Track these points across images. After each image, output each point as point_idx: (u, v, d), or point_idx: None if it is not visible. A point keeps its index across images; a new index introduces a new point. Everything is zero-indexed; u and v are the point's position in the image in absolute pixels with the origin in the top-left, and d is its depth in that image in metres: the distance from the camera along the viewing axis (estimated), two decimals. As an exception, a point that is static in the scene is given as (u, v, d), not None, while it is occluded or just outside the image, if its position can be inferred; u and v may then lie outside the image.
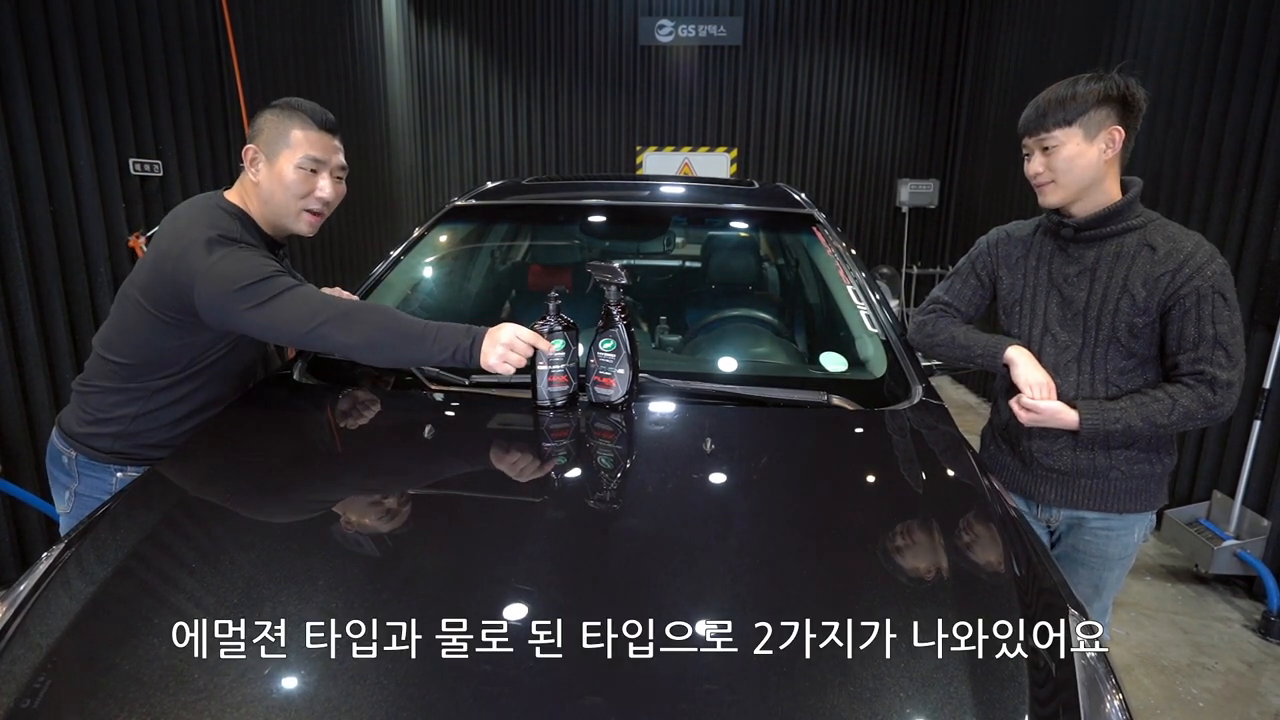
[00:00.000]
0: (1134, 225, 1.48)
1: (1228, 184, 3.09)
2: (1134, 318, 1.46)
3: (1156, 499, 1.63)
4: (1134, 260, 1.46)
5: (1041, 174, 1.49)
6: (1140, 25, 3.74)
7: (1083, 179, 1.46)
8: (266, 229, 1.53)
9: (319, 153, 1.47)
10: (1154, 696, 2.36)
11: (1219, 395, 1.41)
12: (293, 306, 1.38)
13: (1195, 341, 1.42)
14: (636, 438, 1.44)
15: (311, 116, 1.48)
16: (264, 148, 1.47)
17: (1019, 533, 1.16)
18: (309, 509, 1.18)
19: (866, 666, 0.86)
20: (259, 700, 0.81)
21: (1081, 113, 1.42)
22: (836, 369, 1.75)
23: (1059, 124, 1.43)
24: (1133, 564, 1.70)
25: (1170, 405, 1.43)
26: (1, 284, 2.49)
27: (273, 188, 1.47)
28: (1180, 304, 1.42)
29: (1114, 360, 1.51)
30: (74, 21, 2.66)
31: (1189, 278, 1.41)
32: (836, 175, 7.13)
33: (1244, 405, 2.98)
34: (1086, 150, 1.43)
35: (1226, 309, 1.41)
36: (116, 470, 1.52)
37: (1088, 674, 0.93)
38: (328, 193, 1.50)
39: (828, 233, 2.15)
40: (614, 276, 1.45)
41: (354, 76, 5.32)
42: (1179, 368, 1.45)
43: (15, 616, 0.95)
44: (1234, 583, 3.02)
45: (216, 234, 1.40)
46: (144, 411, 1.50)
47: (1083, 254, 1.52)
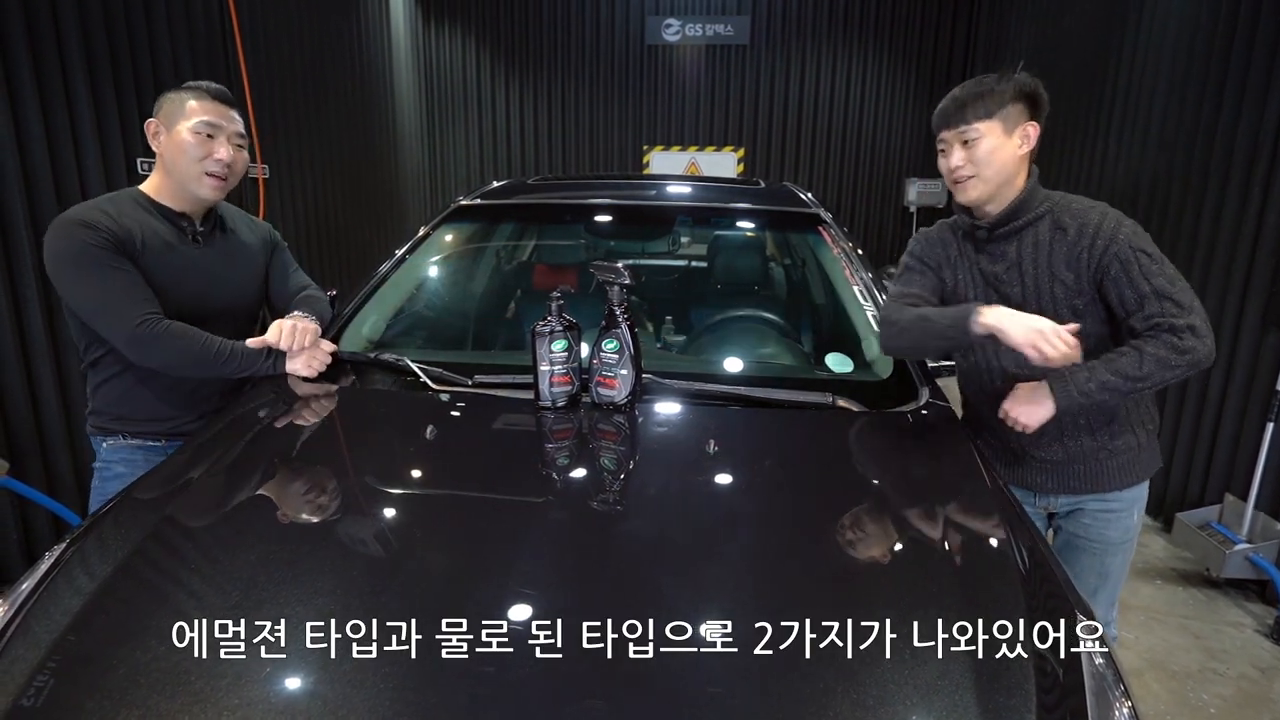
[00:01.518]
0: (1041, 212, 1.49)
1: (1240, 185, 3.06)
2: (1072, 300, 1.47)
3: (1150, 466, 1.63)
4: (1051, 246, 1.48)
5: (963, 167, 1.48)
6: (1152, 23, 3.70)
7: (1002, 172, 1.47)
8: (174, 200, 1.62)
9: (214, 118, 1.59)
10: (1164, 702, 2.34)
11: (1185, 340, 1.38)
12: (105, 313, 1.50)
13: (1138, 301, 1.41)
14: (639, 439, 1.43)
15: (205, 89, 1.61)
16: (164, 120, 1.59)
17: (1027, 536, 1.15)
18: (311, 508, 1.18)
19: (872, 670, 0.85)
20: (260, 699, 0.80)
21: (1000, 106, 1.44)
22: (842, 370, 1.74)
23: (980, 116, 1.45)
24: (1133, 552, 1.70)
25: (1138, 356, 1.39)
26: (9, 283, 2.50)
27: (174, 155, 1.58)
28: (1107, 274, 1.43)
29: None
30: (82, 21, 2.68)
31: (1105, 247, 1.42)
32: (844, 174, 7.11)
33: (1256, 408, 2.95)
34: (1006, 143, 1.45)
35: (1153, 263, 1.41)
36: (103, 441, 1.68)
37: (1096, 680, 0.91)
38: (225, 155, 1.59)
39: (834, 232, 2.14)
40: (617, 276, 1.44)
41: (361, 76, 5.34)
42: (1135, 330, 1.44)
43: (16, 615, 0.95)
44: (1246, 587, 2.98)
45: (79, 220, 1.49)
46: (95, 385, 1.65)
47: (1004, 250, 1.54)
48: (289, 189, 4.29)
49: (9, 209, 2.48)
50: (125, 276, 1.50)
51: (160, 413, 1.65)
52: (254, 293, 1.78)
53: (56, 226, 1.49)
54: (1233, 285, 3.09)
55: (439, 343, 2.12)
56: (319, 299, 1.81)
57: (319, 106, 4.58)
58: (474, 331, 2.29)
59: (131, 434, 1.66)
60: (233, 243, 1.73)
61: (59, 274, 1.50)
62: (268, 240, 1.84)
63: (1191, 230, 3.31)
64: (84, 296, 1.50)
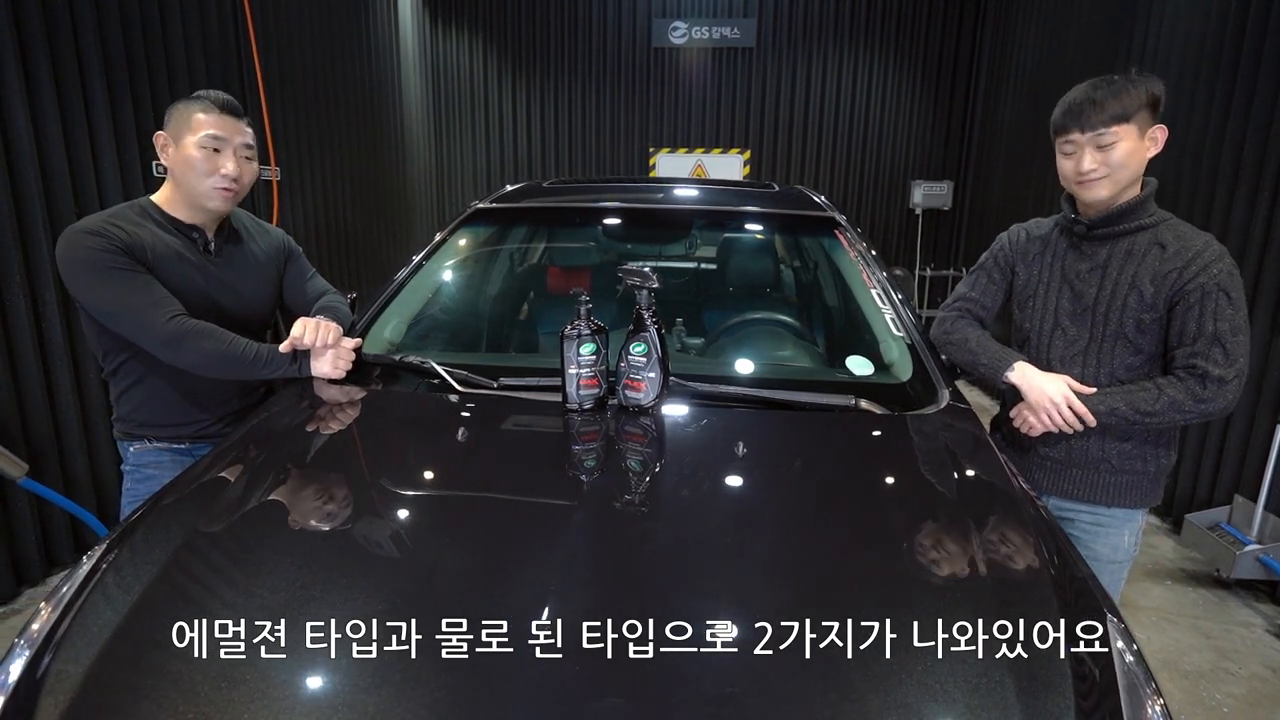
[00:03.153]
0: (1146, 224, 1.50)
1: (1249, 187, 3.07)
2: (1141, 313, 1.49)
3: (1148, 498, 1.64)
4: (1144, 258, 1.49)
5: (1096, 170, 1.47)
6: (1160, 26, 3.72)
7: (1134, 175, 1.48)
8: (185, 212, 1.62)
9: (220, 132, 1.57)
10: (1177, 702, 2.35)
11: (1208, 390, 1.42)
12: (133, 318, 1.51)
13: (1194, 336, 1.44)
14: (666, 441, 1.45)
15: (213, 101, 1.58)
16: (172, 133, 1.57)
17: (1053, 536, 1.16)
18: (347, 512, 1.18)
19: (907, 674, 0.86)
20: (308, 700, 0.82)
21: (1137, 109, 1.43)
22: (863, 373, 1.75)
23: (1117, 119, 1.43)
24: (1125, 577, 1.71)
25: (1156, 394, 1.45)
26: (29, 287, 2.52)
27: (181, 169, 1.57)
28: (1185, 299, 1.44)
29: (1121, 356, 1.53)
30: (99, 25, 2.70)
31: (1195, 274, 1.43)
32: (850, 177, 7.13)
33: (1266, 410, 2.96)
34: (1139, 146, 1.45)
35: (1230, 307, 1.42)
36: (129, 445, 1.70)
37: (1128, 678, 0.93)
38: (231, 169, 1.58)
39: (850, 235, 2.15)
40: (645, 280, 1.46)
41: (370, 80, 5.36)
42: (1175, 361, 1.48)
43: (63, 618, 0.96)
44: (1256, 587, 2.99)
45: (86, 229, 1.50)
46: (119, 393, 1.66)
47: (1096, 251, 1.56)
48: (301, 191, 4.31)
49: (29, 216, 2.50)
50: (144, 279, 1.51)
51: (183, 416, 1.67)
52: (267, 303, 1.79)
53: (66, 238, 1.49)
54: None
55: (460, 345, 2.14)
56: (339, 306, 1.82)
57: (330, 110, 4.61)
58: (494, 334, 2.30)
59: (156, 438, 1.67)
60: (245, 253, 1.73)
61: (77, 281, 1.49)
62: (282, 248, 1.83)
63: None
64: (107, 301, 1.49)
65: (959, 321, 1.71)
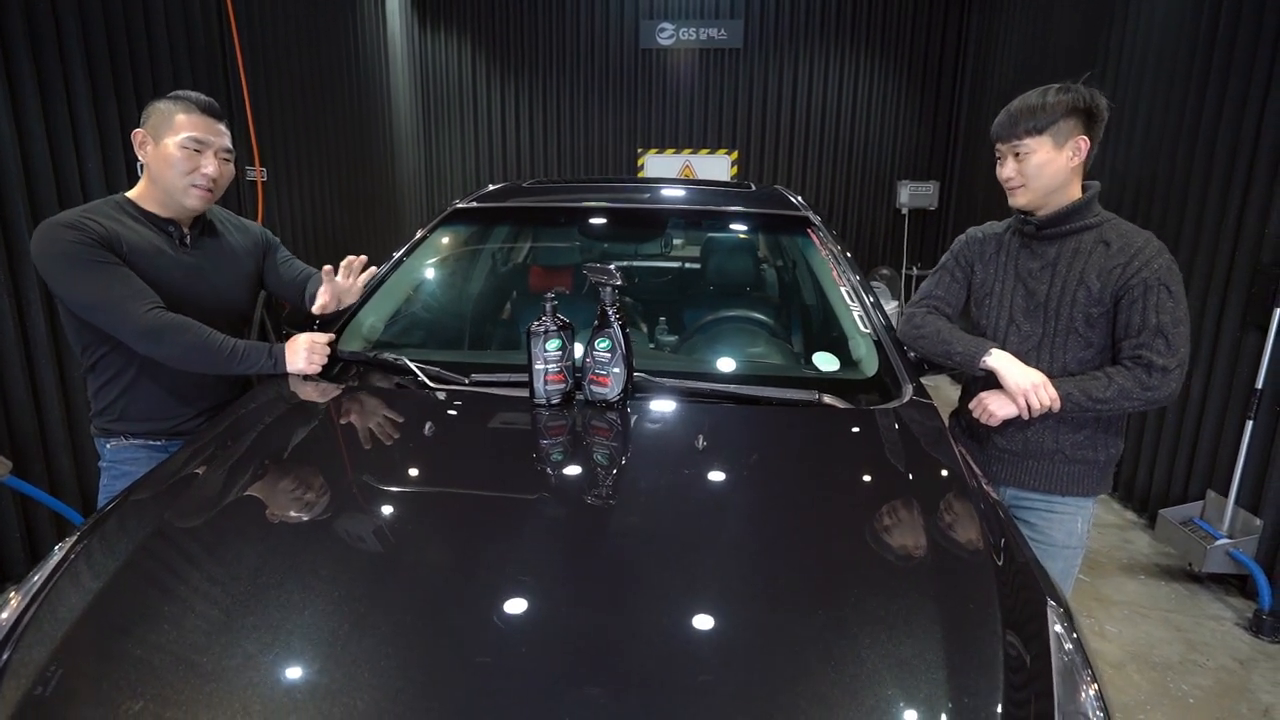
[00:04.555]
0: (1091, 224, 1.59)
1: (1220, 187, 3.12)
2: (1089, 308, 1.57)
3: (1099, 485, 1.71)
4: (1090, 255, 1.57)
5: (1013, 178, 1.60)
6: (1136, 28, 3.77)
7: (1050, 183, 1.56)
8: (161, 208, 1.64)
9: (201, 133, 1.59)
10: (1144, 693, 2.39)
11: (1154, 379, 1.51)
12: (116, 311, 1.52)
13: (1139, 328, 1.52)
14: (631, 435, 1.48)
15: (194, 102, 1.60)
16: (151, 131, 1.59)
17: (1000, 525, 1.20)
18: (312, 506, 1.21)
19: (849, 655, 0.89)
20: (264, 691, 0.83)
21: (1051, 122, 1.52)
22: (829, 368, 1.79)
23: (1030, 132, 1.54)
24: (1079, 563, 1.77)
25: (1107, 383, 1.53)
26: (12, 284, 2.54)
27: (160, 167, 1.59)
28: (1129, 293, 1.53)
29: (1073, 350, 1.61)
30: (82, 25, 2.71)
31: (1138, 270, 1.52)
32: (837, 177, 7.17)
33: (1237, 405, 3.01)
34: (1055, 157, 1.54)
35: (1170, 300, 1.51)
36: (106, 442, 1.71)
37: (1064, 663, 0.96)
38: (211, 170, 1.61)
39: (822, 235, 2.19)
40: (609, 278, 1.49)
41: (358, 80, 5.37)
42: (1121, 352, 1.56)
43: (30, 606, 0.99)
44: (1227, 581, 3.04)
45: (62, 222, 1.51)
46: (96, 388, 1.68)
47: (1045, 250, 1.64)
48: (288, 192, 4.32)
49: (11, 210, 2.51)
50: (122, 271, 1.52)
51: (160, 412, 1.69)
52: (244, 295, 1.81)
53: (42, 232, 1.50)
54: (1214, 285, 3.15)
55: (437, 342, 2.17)
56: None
57: (317, 109, 4.62)
58: (471, 331, 2.33)
59: (133, 434, 1.69)
60: (222, 246, 1.75)
61: (54, 274, 1.50)
62: (260, 242, 1.86)
63: (1174, 230, 3.38)
64: (84, 293, 1.51)
65: (928, 316, 1.76)
